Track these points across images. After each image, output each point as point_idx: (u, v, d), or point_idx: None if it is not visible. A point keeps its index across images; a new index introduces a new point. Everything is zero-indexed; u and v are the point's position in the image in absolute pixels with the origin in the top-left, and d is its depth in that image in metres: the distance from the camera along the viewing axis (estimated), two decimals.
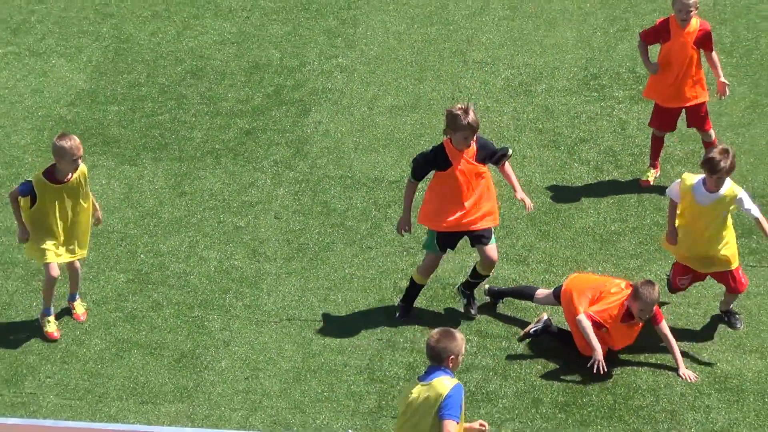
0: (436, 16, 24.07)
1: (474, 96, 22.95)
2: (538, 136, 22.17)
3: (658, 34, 21.35)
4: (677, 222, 18.67)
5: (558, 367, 18.72)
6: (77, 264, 18.77)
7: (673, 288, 19.17)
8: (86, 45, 24.31)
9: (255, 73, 23.55)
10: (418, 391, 13.95)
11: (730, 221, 18.53)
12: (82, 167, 17.78)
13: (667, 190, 18.70)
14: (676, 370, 18.07)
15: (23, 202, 18.00)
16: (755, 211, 18.46)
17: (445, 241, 18.65)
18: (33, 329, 18.82)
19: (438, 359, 13.84)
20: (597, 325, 18.44)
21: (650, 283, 18.34)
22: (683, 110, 21.83)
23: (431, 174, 18.51)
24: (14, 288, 19.66)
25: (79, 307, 18.88)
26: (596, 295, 19.15)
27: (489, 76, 22.68)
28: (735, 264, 18.49)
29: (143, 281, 19.32)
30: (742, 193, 18.31)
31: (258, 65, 23.76)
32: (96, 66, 22.66)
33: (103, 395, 17.88)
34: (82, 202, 18.11)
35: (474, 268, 18.78)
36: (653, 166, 22.26)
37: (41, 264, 18.35)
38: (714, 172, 17.98)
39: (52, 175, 17.76)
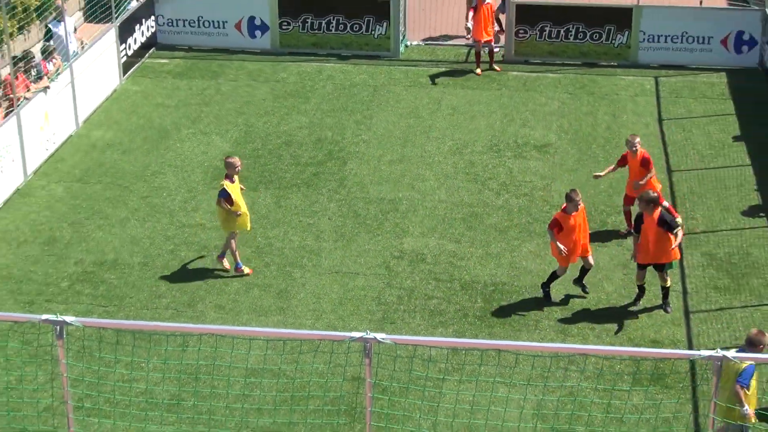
0: (412, 113, 24.29)
1: (432, 155, 23.21)
2: (465, 176, 22.32)
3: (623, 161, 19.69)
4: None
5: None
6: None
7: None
8: (230, 128, 24.50)
9: (318, 143, 23.66)
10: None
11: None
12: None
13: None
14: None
15: (226, 201, 18.45)
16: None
17: None
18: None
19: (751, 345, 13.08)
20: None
21: None
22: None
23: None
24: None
25: (226, 263, 19.06)
26: None
27: (440, 144, 23.06)
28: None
29: (261, 252, 19.77)
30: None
31: (320, 139, 23.83)
32: (236, 139, 23.22)
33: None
34: (240, 193, 18.81)
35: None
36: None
37: (241, 231, 19.14)
38: None
39: (229, 178, 18.53)
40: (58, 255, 19.62)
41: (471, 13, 26.84)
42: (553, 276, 18.15)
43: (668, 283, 17.81)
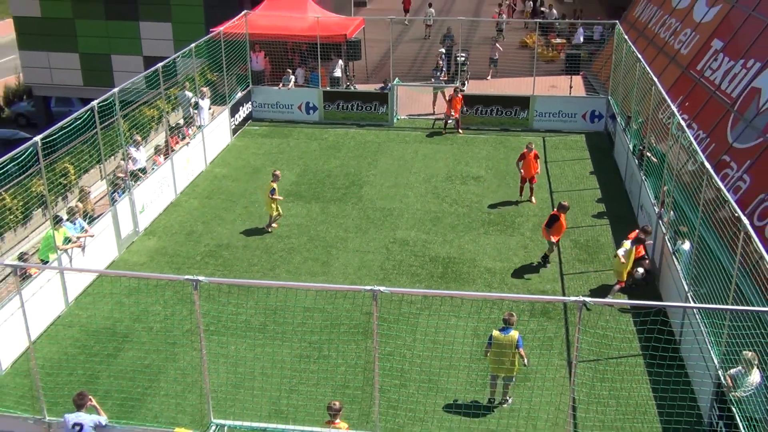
0: (401, 158, 24.51)
1: (412, 182, 22.86)
2: (432, 195, 22.01)
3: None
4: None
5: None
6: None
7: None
8: (295, 167, 24.06)
9: (346, 176, 23.20)
10: (503, 338, 12.66)
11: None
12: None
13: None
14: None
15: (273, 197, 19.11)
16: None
17: None
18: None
19: (508, 323, 12.71)
20: None
21: None
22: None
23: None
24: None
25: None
26: None
27: (417, 176, 23.09)
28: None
29: (312, 239, 19.56)
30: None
31: (347, 174, 23.40)
32: (298, 174, 23.26)
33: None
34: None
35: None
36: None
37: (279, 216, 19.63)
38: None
39: (275, 181, 19.12)
40: (195, 241, 19.63)
41: (448, 100, 26.99)
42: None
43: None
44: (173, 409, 12.84)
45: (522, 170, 21.54)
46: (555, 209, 18.33)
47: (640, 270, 16.47)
